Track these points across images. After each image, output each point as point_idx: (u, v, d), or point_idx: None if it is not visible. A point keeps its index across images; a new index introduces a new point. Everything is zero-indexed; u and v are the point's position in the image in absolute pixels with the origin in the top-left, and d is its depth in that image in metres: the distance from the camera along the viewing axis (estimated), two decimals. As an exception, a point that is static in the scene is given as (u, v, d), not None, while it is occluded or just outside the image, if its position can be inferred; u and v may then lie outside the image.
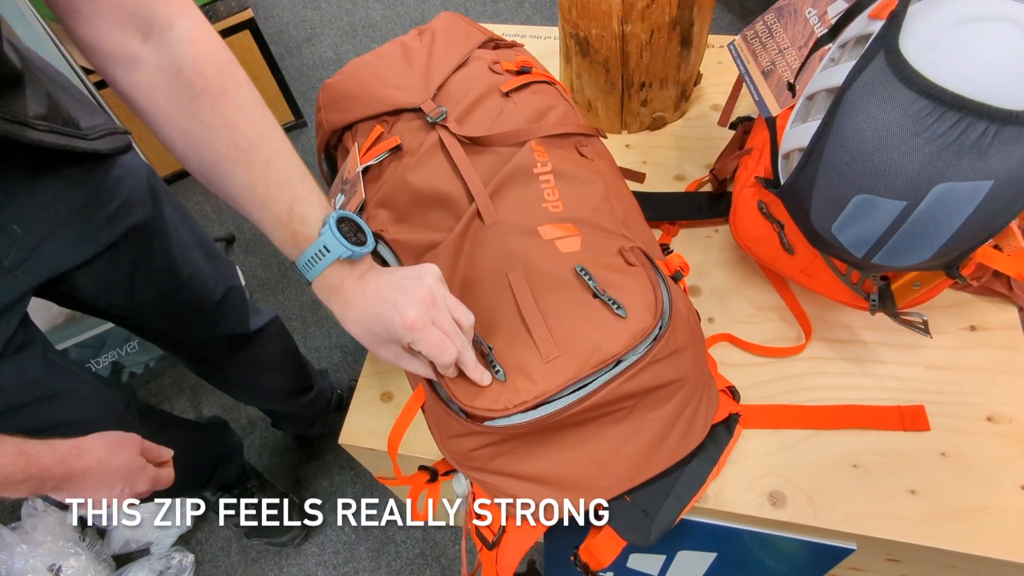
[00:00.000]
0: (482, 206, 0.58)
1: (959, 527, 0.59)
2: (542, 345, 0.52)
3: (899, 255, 0.51)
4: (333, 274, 0.50)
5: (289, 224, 0.49)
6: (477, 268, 0.56)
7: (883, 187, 0.47)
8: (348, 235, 0.49)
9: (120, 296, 0.74)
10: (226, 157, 0.48)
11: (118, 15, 0.45)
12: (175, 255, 0.78)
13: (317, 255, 0.49)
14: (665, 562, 0.77)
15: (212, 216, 1.72)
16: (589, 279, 0.54)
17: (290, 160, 0.50)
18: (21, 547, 1.12)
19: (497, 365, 0.52)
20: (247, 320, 0.95)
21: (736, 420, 0.65)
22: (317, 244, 0.49)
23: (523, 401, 0.50)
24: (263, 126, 0.49)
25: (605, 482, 0.58)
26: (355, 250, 0.49)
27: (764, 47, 0.69)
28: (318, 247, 0.49)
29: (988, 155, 0.43)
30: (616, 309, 0.52)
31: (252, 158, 0.49)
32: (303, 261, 0.50)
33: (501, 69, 0.74)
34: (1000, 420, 0.64)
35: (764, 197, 0.67)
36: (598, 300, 0.53)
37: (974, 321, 0.71)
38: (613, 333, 0.52)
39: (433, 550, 1.21)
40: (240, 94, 0.48)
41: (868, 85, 0.46)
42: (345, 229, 0.50)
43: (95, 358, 1.33)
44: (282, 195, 0.49)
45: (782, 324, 0.74)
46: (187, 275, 0.80)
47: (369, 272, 0.52)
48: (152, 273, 0.76)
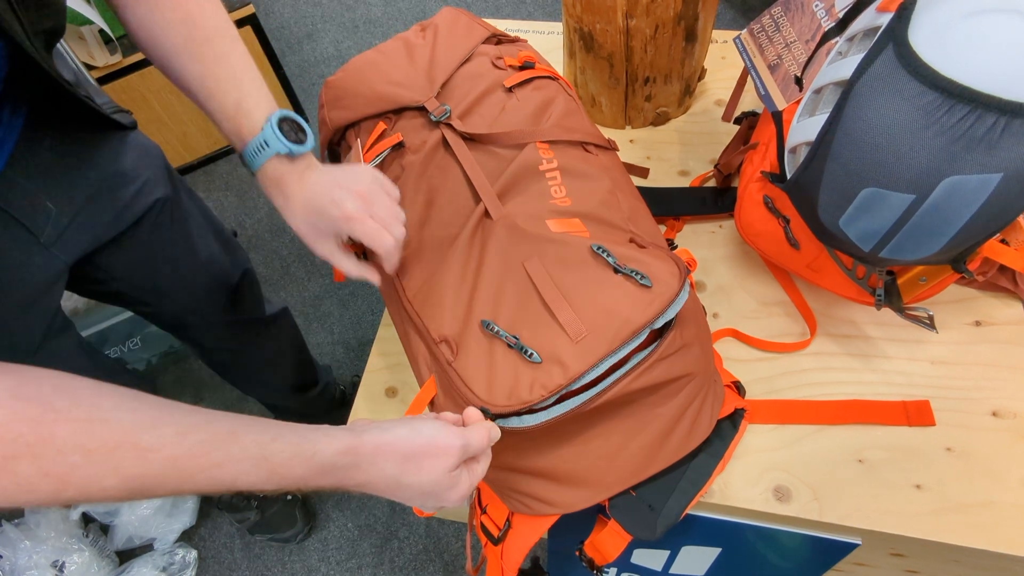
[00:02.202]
0: (490, 205, 0.58)
1: (964, 522, 0.59)
2: (569, 327, 0.51)
3: (907, 249, 0.51)
4: (273, 167, 0.54)
5: (235, 117, 0.53)
6: (492, 264, 0.55)
7: (892, 180, 0.47)
8: (288, 133, 0.53)
9: (144, 278, 0.76)
10: (182, 48, 0.52)
11: None
12: (193, 237, 0.80)
13: (258, 148, 0.53)
14: (669, 557, 0.77)
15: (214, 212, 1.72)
16: (608, 256, 0.53)
17: (242, 58, 0.54)
18: (25, 543, 1.13)
19: (529, 349, 0.51)
20: (262, 306, 0.97)
21: (741, 415, 0.65)
22: (258, 138, 0.53)
23: (558, 385, 0.49)
24: (218, 22, 0.54)
25: (611, 477, 0.58)
26: (292, 147, 0.53)
27: (771, 41, 0.68)
28: (259, 141, 0.53)
29: (998, 148, 0.43)
30: (641, 280, 0.51)
31: (205, 51, 0.53)
32: (247, 153, 0.54)
33: (504, 64, 0.73)
34: (1005, 415, 0.64)
35: (770, 192, 0.67)
36: (620, 275, 0.52)
37: (979, 316, 0.71)
38: (641, 303, 0.51)
39: (436, 545, 1.21)
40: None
41: (877, 78, 0.46)
42: (286, 127, 0.53)
43: (98, 354, 1.33)
44: (231, 89, 0.53)
45: (787, 319, 0.74)
46: (205, 257, 0.82)
47: (308, 170, 0.55)
48: (173, 254, 0.77)
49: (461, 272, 0.56)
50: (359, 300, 1.54)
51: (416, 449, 0.44)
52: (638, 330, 0.50)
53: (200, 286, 0.83)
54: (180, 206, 0.78)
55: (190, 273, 0.81)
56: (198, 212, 0.83)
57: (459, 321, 0.54)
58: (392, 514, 1.25)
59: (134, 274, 0.75)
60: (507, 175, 0.60)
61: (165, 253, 0.77)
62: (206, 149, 1.77)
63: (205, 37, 0.53)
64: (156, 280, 0.78)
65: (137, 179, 0.71)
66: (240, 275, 0.90)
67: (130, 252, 0.72)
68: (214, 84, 0.53)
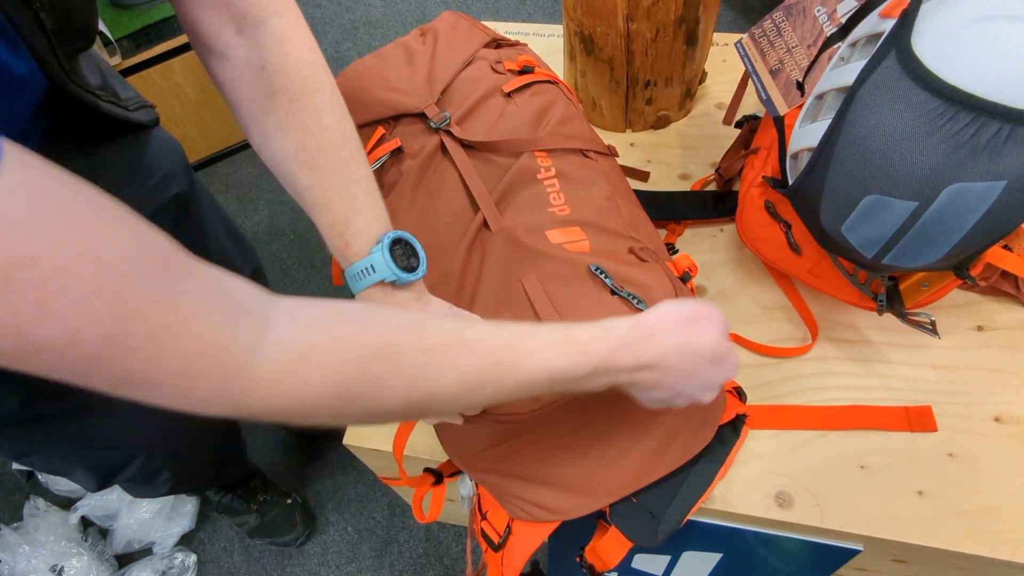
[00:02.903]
0: (488, 214, 0.58)
1: (966, 528, 0.59)
2: None
3: (910, 256, 0.51)
4: (375, 294, 0.50)
5: (343, 234, 0.49)
6: (489, 277, 0.55)
7: (895, 187, 0.47)
8: (399, 258, 0.49)
9: None
10: (294, 157, 0.50)
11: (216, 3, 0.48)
12: (207, 232, 0.79)
13: (364, 272, 0.49)
14: (670, 562, 0.77)
15: (213, 215, 1.72)
16: (605, 277, 0.53)
17: (357, 171, 0.51)
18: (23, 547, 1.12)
19: None
20: None
21: (743, 421, 0.65)
22: (365, 261, 0.49)
23: (548, 400, 0.50)
24: (336, 133, 0.50)
25: (613, 483, 0.57)
26: (400, 275, 0.49)
27: (772, 46, 0.68)
28: (365, 264, 0.49)
29: (1002, 155, 0.42)
30: (636, 304, 0.51)
31: (318, 161, 0.49)
32: (350, 275, 0.50)
33: (503, 69, 0.73)
34: (1008, 420, 0.64)
35: (771, 197, 0.67)
36: (617, 297, 0.52)
37: (981, 321, 0.71)
38: None
39: (436, 549, 1.21)
40: (318, 98, 0.50)
41: (880, 84, 0.46)
42: (398, 252, 0.49)
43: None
44: (341, 204, 0.49)
45: (788, 324, 0.74)
46: (216, 254, 0.81)
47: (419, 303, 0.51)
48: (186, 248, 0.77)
49: (458, 284, 0.56)
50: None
51: (690, 316, 0.45)
52: None
53: None
54: (196, 202, 0.78)
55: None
56: (212, 209, 0.83)
57: None
58: (392, 518, 1.25)
59: None
60: (504, 183, 0.60)
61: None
62: (206, 151, 1.77)
63: (319, 147, 0.49)
64: None
65: (157, 173, 0.70)
66: (251, 273, 0.90)
67: None
68: (323, 196, 0.49)
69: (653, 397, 0.46)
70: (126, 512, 1.22)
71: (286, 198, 1.72)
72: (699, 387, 0.47)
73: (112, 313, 0.27)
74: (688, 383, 0.45)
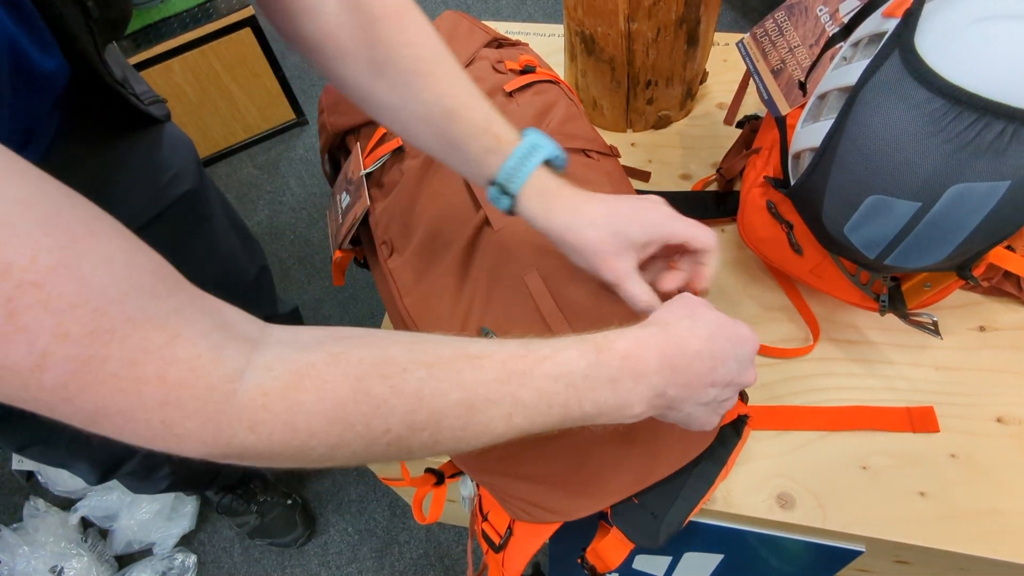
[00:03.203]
0: (490, 213, 0.57)
1: (969, 529, 0.59)
2: None
3: (913, 256, 0.51)
4: (546, 177, 0.46)
5: (488, 130, 0.47)
6: (490, 274, 0.55)
7: (898, 188, 0.47)
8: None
9: None
10: (413, 73, 0.47)
11: None
12: (216, 230, 0.80)
13: (529, 152, 0.46)
14: (671, 563, 0.77)
15: (213, 215, 1.72)
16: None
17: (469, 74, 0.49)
18: (23, 548, 1.12)
19: None
20: (277, 304, 0.97)
21: (744, 421, 0.65)
22: (526, 143, 0.46)
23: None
24: (439, 42, 0.49)
25: (614, 484, 0.57)
26: (561, 153, 0.47)
27: (774, 45, 0.68)
28: (528, 145, 0.46)
29: (1006, 155, 0.42)
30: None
31: (439, 70, 0.47)
32: (509, 166, 0.46)
33: (505, 68, 0.73)
34: (1010, 421, 0.64)
35: (773, 197, 0.67)
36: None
37: (983, 321, 0.70)
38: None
39: (436, 550, 1.21)
40: (416, 14, 0.48)
41: (883, 84, 0.45)
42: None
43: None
44: (476, 104, 0.47)
45: (789, 325, 0.73)
46: (225, 251, 0.82)
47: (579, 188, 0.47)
48: (195, 245, 0.77)
49: (459, 281, 0.55)
50: (359, 303, 1.53)
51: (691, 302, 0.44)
52: None
53: (219, 280, 0.82)
54: (206, 199, 0.78)
55: (210, 267, 0.80)
56: (221, 207, 0.83)
57: (456, 329, 0.54)
58: (392, 518, 1.25)
59: None
60: None
61: (188, 245, 0.76)
62: (205, 151, 1.77)
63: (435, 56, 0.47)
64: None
65: (169, 169, 0.70)
66: (258, 271, 0.90)
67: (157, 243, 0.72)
68: (455, 101, 0.47)
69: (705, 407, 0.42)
70: (126, 513, 1.22)
71: (286, 198, 1.72)
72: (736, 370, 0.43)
73: (87, 333, 0.25)
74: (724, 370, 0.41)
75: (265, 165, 1.80)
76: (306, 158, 1.79)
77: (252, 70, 1.65)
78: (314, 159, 1.79)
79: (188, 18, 1.52)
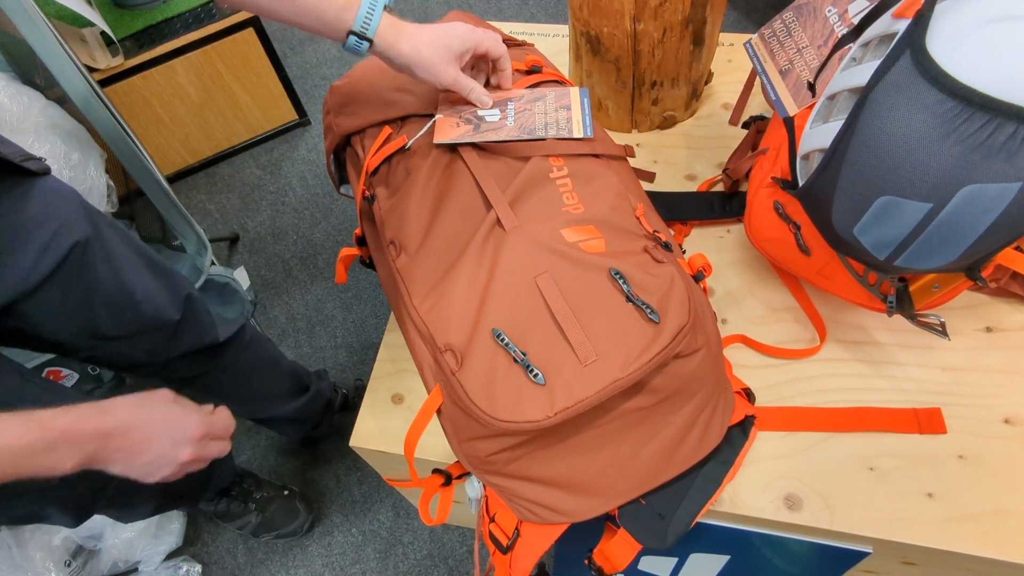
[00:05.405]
0: (501, 213, 0.57)
1: (976, 530, 0.59)
2: (580, 349, 0.51)
3: (923, 258, 0.51)
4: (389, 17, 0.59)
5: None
6: (503, 275, 0.55)
7: (908, 189, 0.47)
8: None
9: (79, 322, 0.73)
10: None
11: None
12: (125, 276, 0.76)
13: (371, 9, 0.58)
14: (677, 564, 0.77)
15: (216, 215, 1.71)
16: (623, 282, 0.53)
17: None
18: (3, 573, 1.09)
19: (535, 368, 0.51)
20: (215, 330, 0.91)
21: (751, 422, 0.65)
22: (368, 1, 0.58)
23: (563, 407, 0.49)
24: None
25: (622, 486, 0.57)
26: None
27: (782, 46, 0.68)
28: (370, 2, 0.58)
29: (1017, 156, 0.42)
30: (649, 314, 0.51)
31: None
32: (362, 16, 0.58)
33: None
34: (1017, 422, 0.64)
35: (780, 197, 0.67)
36: (631, 304, 0.52)
37: (990, 322, 0.70)
38: (649, 338, 0.51)
39: (441, 551, 1.20)
40: None
41: (894, 85, 0.45)
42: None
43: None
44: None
45: (796, 325, 0.73)
46: (141, 295, 0.78)
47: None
48: (106, 296, 0.75)
49: (470, 281, 0.55)
50: (362, 303, 1.53)
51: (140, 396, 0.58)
52: (649, 363, 0.50)
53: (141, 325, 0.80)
54: (105, 244, 0.74)
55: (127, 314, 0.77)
56: (127, 249, 0.78)
57: (466, 331, 0.53)
58: (396, 519, 1.24)
59: (68, 320, 0.72)
60: (517, 183, 0.59)
61: (98, 297, 0.74)
62: (208, 151, 1.77)
63: None
64: (94, 323, 0.74)
65: (50, 224, 0.68)
66: (182, 304, 0.84)
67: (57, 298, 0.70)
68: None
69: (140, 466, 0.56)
70: (110, 532, 1.17)
71: (289, 198, 1.72)
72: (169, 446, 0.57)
73: None
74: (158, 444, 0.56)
75: (268, 165, 1.79)
76: (309, 158, 1.79)
77: (255, 70, 1.65)
78: (317, 159, 1.79)
79: (191, 18, 1.52)
